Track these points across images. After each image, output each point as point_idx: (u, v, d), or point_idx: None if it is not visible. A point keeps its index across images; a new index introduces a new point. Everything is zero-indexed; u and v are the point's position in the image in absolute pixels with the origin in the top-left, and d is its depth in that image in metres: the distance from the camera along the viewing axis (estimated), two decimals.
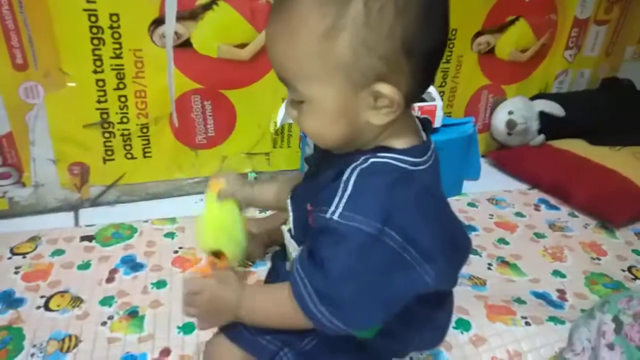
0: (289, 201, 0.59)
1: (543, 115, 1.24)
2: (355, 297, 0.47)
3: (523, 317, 0.73)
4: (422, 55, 0.45)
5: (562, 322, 0.73)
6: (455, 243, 0.54)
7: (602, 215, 1.05)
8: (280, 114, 1.04)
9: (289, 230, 0.58)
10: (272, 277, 0.69)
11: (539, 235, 1.00)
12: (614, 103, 1.29)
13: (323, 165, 0.54)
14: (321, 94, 0.46)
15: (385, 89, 0.44)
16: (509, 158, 1.24)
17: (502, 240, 0.97)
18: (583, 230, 1.03)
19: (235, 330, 0.55)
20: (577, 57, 1.34)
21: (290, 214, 0.58)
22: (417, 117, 0.55)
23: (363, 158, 0.48)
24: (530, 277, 0.87)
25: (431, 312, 0.56)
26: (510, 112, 1.22)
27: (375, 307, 0.48)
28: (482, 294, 0.80)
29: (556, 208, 1.11)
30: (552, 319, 0.74)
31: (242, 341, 0.55)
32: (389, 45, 0.43)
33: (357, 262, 0.46)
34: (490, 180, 1.20)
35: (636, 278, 0.89)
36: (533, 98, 1.28)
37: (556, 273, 0.88)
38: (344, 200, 0.46)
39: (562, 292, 0.83)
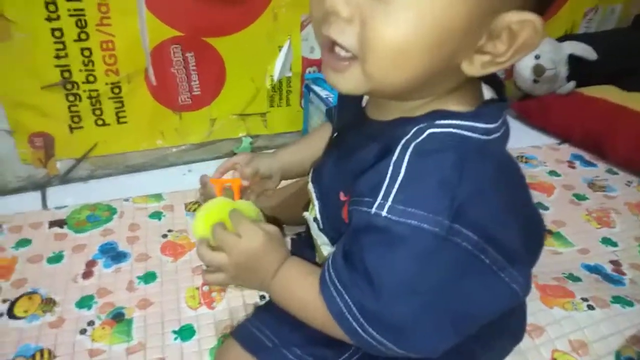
0: (310, 186, 0.46)
1: (572, 59, 1.10)
2: (417, 317, 0.35)
3: (584, 299, 0.63)
4: None
5: (631, 304, 0.62)
6: (537, 232, 0.42)
7: None
8: (278, 65, 0.89)
9: (316, 220, 0.45)
10: None
11: (580, 197, 0.88)
12: None
13: (354, 135, 0.42)
14: None
15: (536, 20, 0.31)
16: (535, 109, 1.11)
17: (540, 205, 0.85)
18: (626, 188, 0.92)
19: (255, 340, 0.47)
20: None
21: (315, 202, 0.45)
22: None
23: (416, 129, 0.35)
24: (578, 247, 0.76)
25: (502, 319, 0.44)
26: (537, 57, 1.08)
27: (444, 326, 0.36)
28: None
29: (592, 164, 1.00)
30: (617, 299, 0.63)
31: (264, 355, 0.46)
32: None
33: (420, 272, 0.34)
34: (515, 135, 1.03)
35: None
36: (560, 39, 1.14)
37: (606, 241, 0.78)
38: (394, 190, 0.34)
39: (616, 264, 0.73)
